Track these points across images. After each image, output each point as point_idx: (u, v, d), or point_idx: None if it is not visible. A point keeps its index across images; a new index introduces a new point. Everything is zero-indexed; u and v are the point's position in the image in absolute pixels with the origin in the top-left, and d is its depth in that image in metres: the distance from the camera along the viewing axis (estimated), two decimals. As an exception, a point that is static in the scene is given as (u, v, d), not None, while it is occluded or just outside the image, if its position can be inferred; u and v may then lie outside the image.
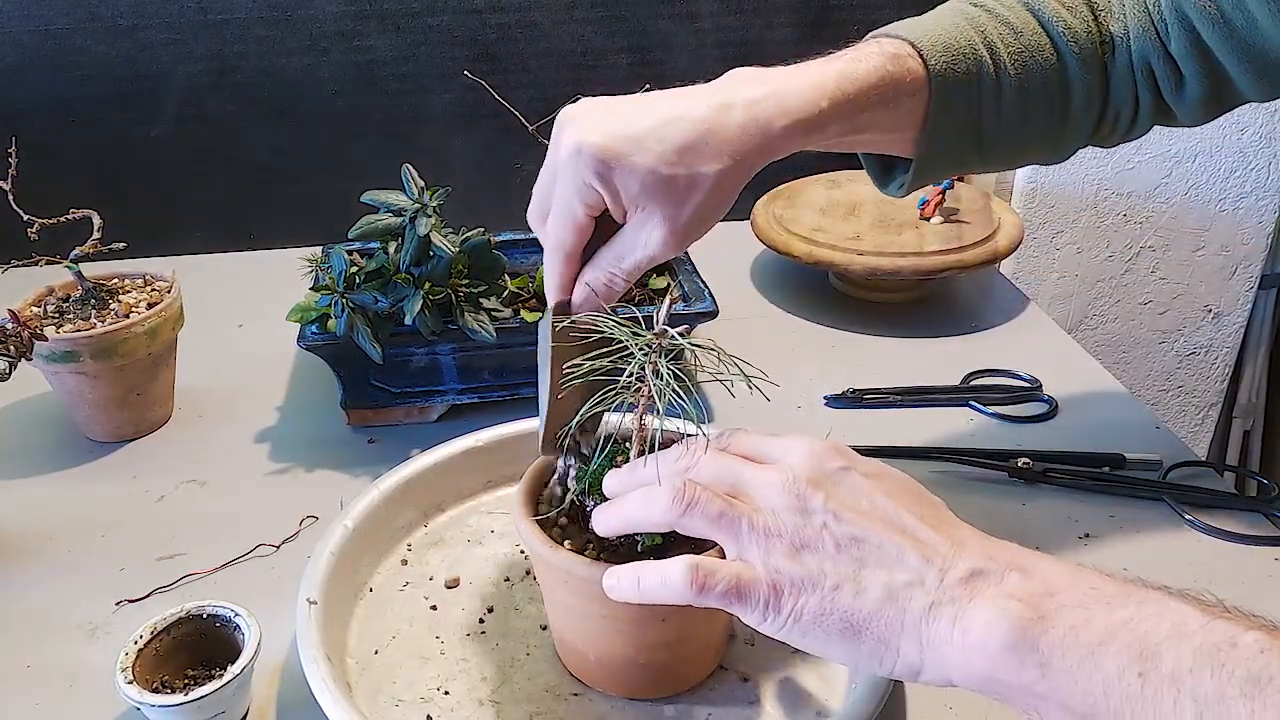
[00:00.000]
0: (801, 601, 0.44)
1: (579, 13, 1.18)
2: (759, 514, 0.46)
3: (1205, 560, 0.69)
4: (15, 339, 0.70)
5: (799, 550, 0.45)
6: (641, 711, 0.57)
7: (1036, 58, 0.62)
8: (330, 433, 0.84)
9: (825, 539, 0.45)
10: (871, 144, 0.63)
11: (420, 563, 0.69)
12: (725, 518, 0.46)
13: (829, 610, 0.44)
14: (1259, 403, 1.62)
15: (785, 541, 0.45)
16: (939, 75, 0.59)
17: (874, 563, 0.44)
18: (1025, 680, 0.40)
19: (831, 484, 0.47)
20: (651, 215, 0.53)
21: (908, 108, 0.59)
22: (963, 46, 0.60)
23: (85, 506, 0.76)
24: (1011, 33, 0.62)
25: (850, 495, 0.46)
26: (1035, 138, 0.65)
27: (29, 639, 0.64)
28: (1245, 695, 0.35)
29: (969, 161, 0.64)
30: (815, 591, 0.44)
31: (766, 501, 0.46)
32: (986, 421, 0.86)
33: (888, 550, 0.44)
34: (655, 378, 0.50)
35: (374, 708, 0.57)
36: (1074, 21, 0.63)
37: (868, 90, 0.57)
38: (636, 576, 0.48)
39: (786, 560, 0.45)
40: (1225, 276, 1.44)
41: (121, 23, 1.12)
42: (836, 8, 1.21)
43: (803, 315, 1.04)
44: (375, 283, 0.77)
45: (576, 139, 0.52)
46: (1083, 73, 0.63)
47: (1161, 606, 0.39)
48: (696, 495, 0.46)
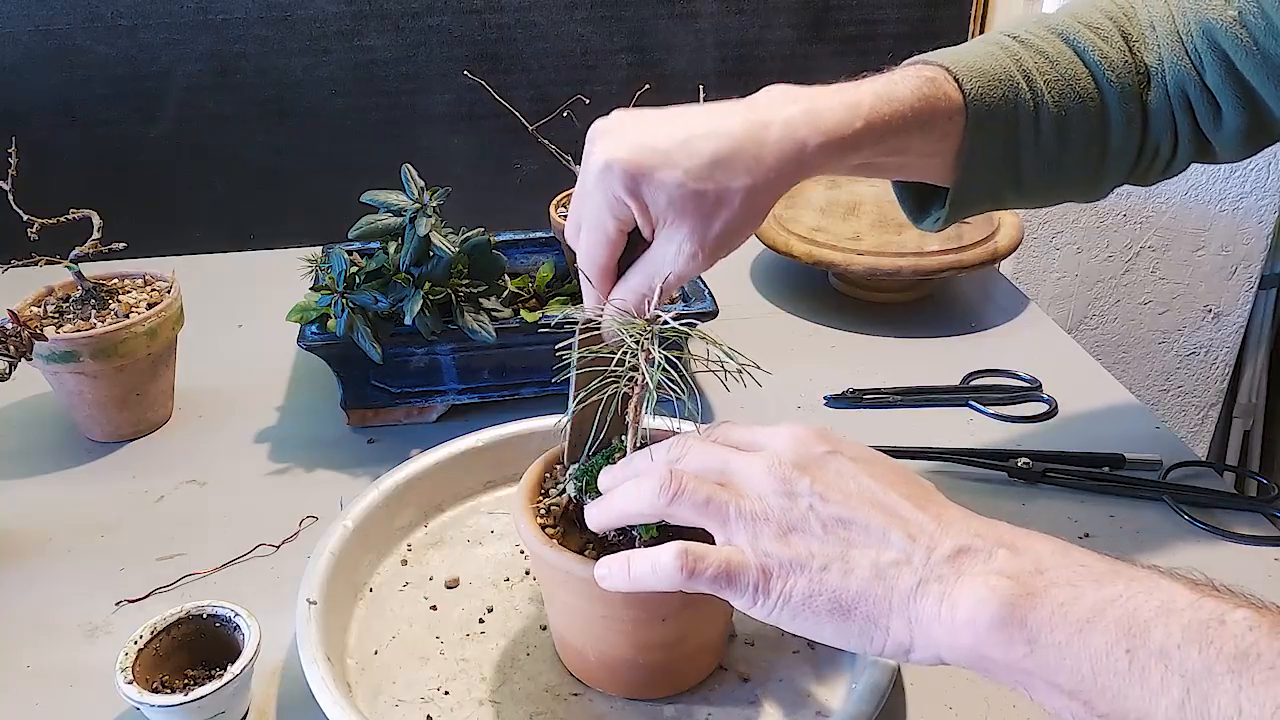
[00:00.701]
0: (790, 583, 0.44)
1: (579, 13, 1.18)
2: (745, 499, 0.46)
3: (1205, 560, 0.69)
4: (15, 339, 0.70)
5: (786, 533, 0.45)
6: (641, 711, 0.57)
7: (1074, 87, 0.61)
8: (330, 433, 0.84)
9: (812, 521, 0.45)
10: (906, 169, 0.62)
11: (420, 563, 0.69)
12: (712, 504, 0.46)
13: (817, 591, 0.44)
14: (1259, 403, 1.62)
15: (773, 525, 0.45)
16: (975, 100, 0.58)
17: (861, 543, 0.44)
18: (1013, 657, 0.40)
19: (817, 467, 0.47)
20: (679, 230, 0.52)
21: (944, 132, 0.59)
22: (999, 74, 0.60)
23: (85, 506, 0.76)
24: (1048, 62, 0.61)
25: (836, 477, 0.46)
26: (1074, 170, 0.64)
27: (29, 639, 0.64)
28: (1233, 672, 0.35)
29: (1005, 194, 0.63)
30: (803, 573, 0.44)
31: (753, 487, 0.47)
32: (986, 421, 0.86)
33: (874, 530, 0.44)
34: (649, 365, 0.50)
35: (374, 708, 0.57)
36: (1110, 51, 0.62)
37: (904, 112, 0.56)
38: (626, 563, 0.48)
39: (774, 543, 0.45)
40: (1225, 276, 1.44)
41: (121, 22, 1.12)
42: (836, 8, 1.21)
43: (803, 315, 1.04)
44: (375, 283, 0.77)
45: (606, 154, 0.52)
46: (1121, 102, 0.62)
47: (1150, 584, 0.39)
48: (683, 484, 0.47)
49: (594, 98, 0.99)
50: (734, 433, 0.51)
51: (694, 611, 0.55)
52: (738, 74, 1.22)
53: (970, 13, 1.26)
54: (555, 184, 0.98)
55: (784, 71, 1.23)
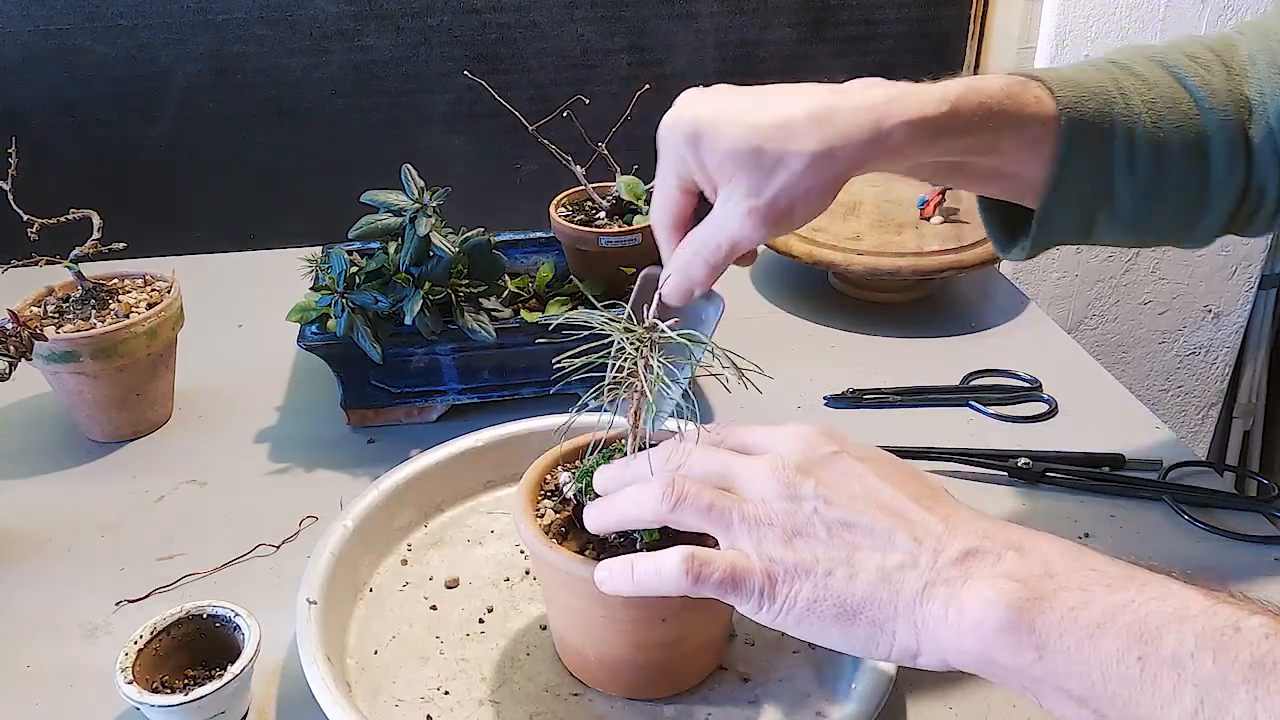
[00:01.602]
0: (795, 588, 0.44)
1: (579, 13, 1.18)
2: (749, 504, 0.46)
3: (1205, 560, 0.69)
4: (15, 339, 0.70)
5: (791, 537, 0.44)
6: (641, 711, 0.57)
7: (1173, 110, 0.58)
8: (330, 433, 0.84)
9: (816, 524, 0.44)
10: (993, 177, 0.59)
11: (420, 563, 0.69)
12: (715, 509, 0.46)
13: (823, 596, 0.43)
14: (1259, 403, 1.62)
15: (777, 529, 0.45)
16: (1068, 108, 0.55)
17: (866, 546, 0.44)
18: (1022, 662, 0.39)
19: (821, 469, 0.46)
20: (736, 189, 0.51)
21: (1035, 136, 0.56)
22: (1093, 87, 0.57)
23: (85, 506, 0.76)
24: (1144, 84, 0.58)
25: (840, 479, 0.46)
26: (1170, 200, 0.59)
27: (29, 639, 0.64)
28: (1248, 681, 0.34)
29: (1097, 218, 0.59)
30: (809, 578, 0.44)
31: (757, 491, 0.46)
32: (986, 421, 0.86)
33: (879, 533, 0.44)
34: (647, 372, 0.50)
35: (374, 708, 0.57)
36: (1211, 79, 0.59)
37: (990, 105, 0.53)
38: (630, 568, 0.47)
39: (779, 548, 0.44)
40: (1225, 276, 1.44)
41: (121, 22, 1.12)
42: (836, 8, 1.21)
43: (803, 315, 1.04)
44: (375, 283, 0.77)
45: (674, 114, 0.52)
46: (1222, 130, 0.58)
47: (1164, 590, 0.38)
48: (686, 489, 0.46)
49: (594, 98, 0.99)
50: (737, 434, 0.51)
51: (694, 612, 0.55)
52: (738, 74, 1.22)
53: (970, 13, 1.26)
54: (555, 184, 0.98)
55: (784, 71, 1.23)
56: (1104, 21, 1.19)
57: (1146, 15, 1.21)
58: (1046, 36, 1.27)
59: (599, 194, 0.94)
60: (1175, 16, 1.21)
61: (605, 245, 0.89)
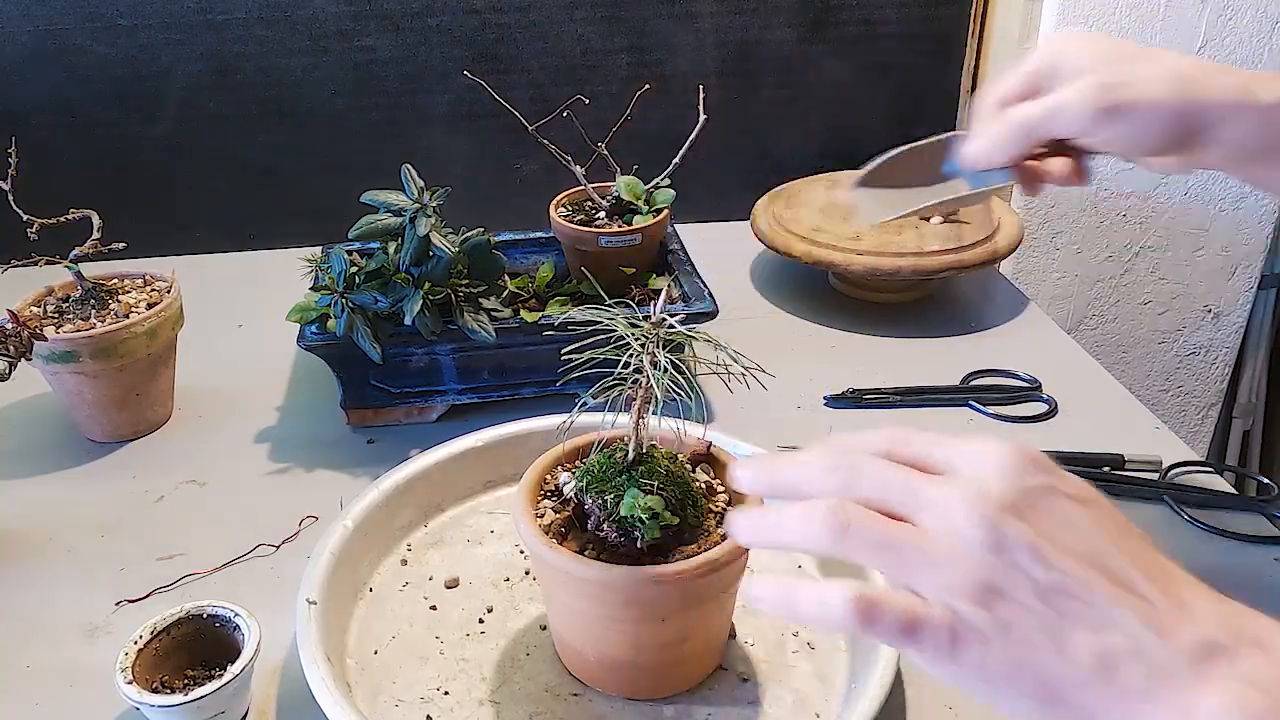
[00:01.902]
0: (985, 653, 0.36)
1: (579, 13, 1.18)
2: (933, 544, 0.37)
3: (1205, 560, 0.69)
4: (15, 339, 0.70)
5: (986, 592, 0.36)
6: (641, 711, 0.57)
7: None
8: (330, 433, 0.84)
9: (1021, 583, 0.36)
10: None
11: (420, 563, 0.69)
12: (890, 547, 0.38)
13: (1022, 668, 0.36)
14: (1259, 403, 1.61)
15: (968, 580, 0.37)
16: None
17: (1079, 617, 0.36)
18: None
19: (1032, 511, 0.37)
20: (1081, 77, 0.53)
21: None
22: None
23: (85, 506, 0.76)
24: None
25: (1056, 529, 0.37)
26: None
27: (29, 639, 0.64)
28: None
29: None
30: (1003, 644, 0.36)
31: (946, 525, 0.37)
32: (986, 421, 0.86)
33: (1098, 605, 0.36)
34: (653, 369, 0.50)
35: (374, 708, 0.57)
36: None
37: None
38: (790, 599, 0.40)
39: (968, 602, 0.36)
40: (1225, 276, 1.44)
41: (121, 22, 1.12)
42: (836, 8, 1.21)
43: (802, 315, 1.04)
44: (375, 283, 0.77)
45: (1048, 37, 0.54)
46: None
47: None
48: (851, 519, 0.38)
49: (594, 98, 0.99)
50: (917, 443, 0.42)
51: (694, 611, 0.55)
52: (738, 74, 1.22)
53: (970, 13, 1.26)
54: (555, 184, 0.98)
55: (784, 71, 1.23)
56: (1104, 21, 1.19)
57: (1146, 15, 1.21)
58: (1046, 37, 1.27)
59: (599, 194, 0.94)
60: (1175, 17, 1.21)
61: (605, 245, 0.89)
